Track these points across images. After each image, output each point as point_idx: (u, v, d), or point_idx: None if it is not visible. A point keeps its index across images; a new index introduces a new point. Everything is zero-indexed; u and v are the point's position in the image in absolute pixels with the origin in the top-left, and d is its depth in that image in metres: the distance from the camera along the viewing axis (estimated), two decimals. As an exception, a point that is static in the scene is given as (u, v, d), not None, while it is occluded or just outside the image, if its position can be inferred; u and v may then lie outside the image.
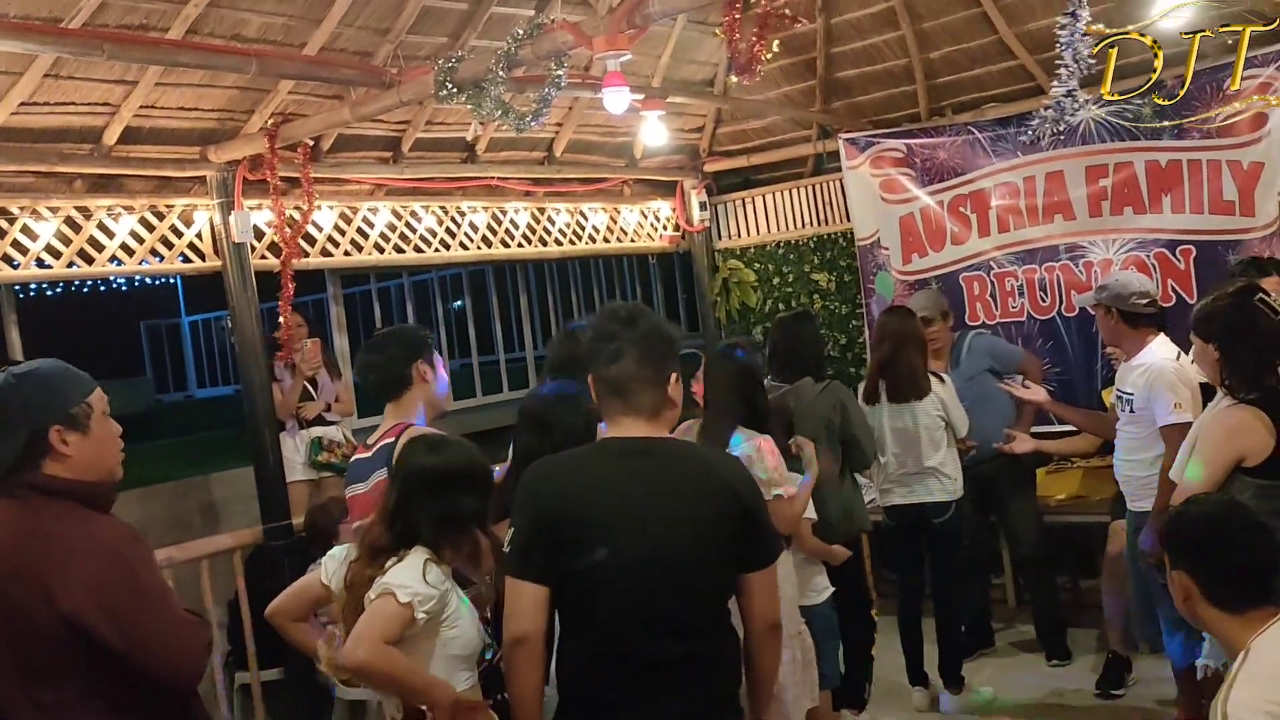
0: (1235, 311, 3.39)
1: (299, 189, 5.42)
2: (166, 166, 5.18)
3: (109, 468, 2.44)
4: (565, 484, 2.48)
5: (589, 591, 2.43)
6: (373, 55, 5.21)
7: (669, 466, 2.49)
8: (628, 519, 2.41)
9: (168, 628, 2.31)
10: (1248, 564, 2.30)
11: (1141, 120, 5.76)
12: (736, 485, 2.49)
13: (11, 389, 2.37)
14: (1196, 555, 2.34)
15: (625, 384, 2.50)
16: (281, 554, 5.21)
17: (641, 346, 2.49)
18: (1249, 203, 5.59)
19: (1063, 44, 3.78)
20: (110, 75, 4.67)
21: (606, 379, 2.52)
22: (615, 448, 2.52)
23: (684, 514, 2.42)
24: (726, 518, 2.44)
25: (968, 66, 6.47)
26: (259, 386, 5.37)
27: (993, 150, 6.36)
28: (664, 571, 2.40)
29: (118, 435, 2.47)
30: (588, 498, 2.44)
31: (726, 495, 2.46)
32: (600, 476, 2.48)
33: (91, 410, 2.39)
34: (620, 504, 2.43)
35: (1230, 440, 3.35)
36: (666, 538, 2.40)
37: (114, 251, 5.10)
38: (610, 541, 2.39)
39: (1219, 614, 2.29)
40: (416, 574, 2.61)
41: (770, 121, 7.33)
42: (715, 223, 7.79)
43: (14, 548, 2.29)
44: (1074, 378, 6.19)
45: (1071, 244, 6.16)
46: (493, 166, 6.48)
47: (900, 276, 6.79)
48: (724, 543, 2.45)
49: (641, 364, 2.49)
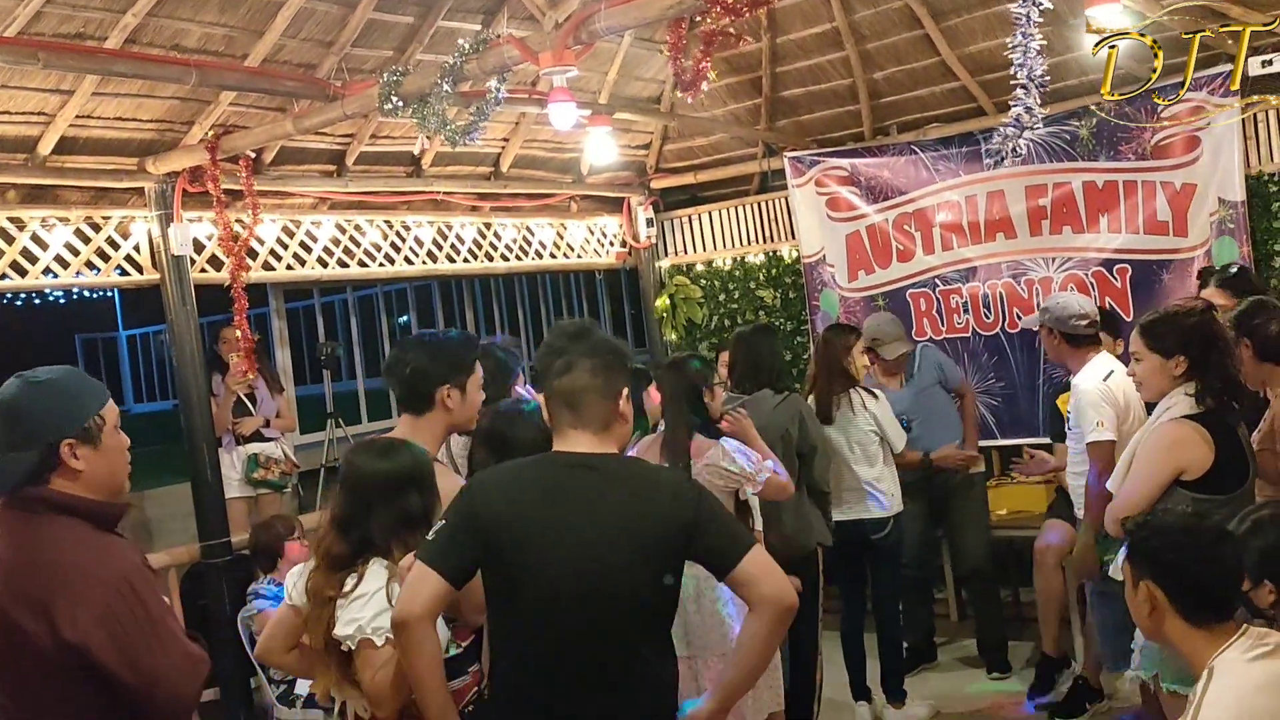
0: (1208, 326, 3.41)
1: (241, 201, 5.35)
2: (103, 177, 5.08)
3: (118, 483, 2.38)
4: (507, 494, 2.48)
5: (518, 599, 2.44)
6: (317, 68, 5.16)
7: (612, 483, 2.49)
8: (564, 532, 2.42)
9: (173, 659, 2.25)
10: (1217, 576, 2.30)
11: (1078, 142, 5.87)
12: (681, 502, 2.49)
13: (29, 399, 2.27)
14: (1166, 566, 2.33)
15: (576, 396, 2.51)
16: (220, 572, 5.11)
17: (592, 358, 2.52)
18: (1182, 223, 5.72)
19: (1017, 63, 3.85)
20: (46, 84, 4.59)
21: (558, 392, 2.54)
22: (563, 460, 2.52)
23: (623, 529, 2.42)
24: (667, 536, 2.44)
25: (911, 87, 6.55)
26: (197, 401, 5.28)
27: (935, 169, 6.45)
28: (596, 585, 2.40)
29: (126, 448, 2.40)
30: (526, 510, 2.45)
31: (669, 513, 2.46)
32: (542, 489, 2.49)
33: (104, 423, 2.31)
34: (558, 517, 2.43)
35: (1170, 453, 3.40)
36: (602, 552, 2.41)
37: (48, 264, 4.99)
38: (543, 553, 2.40)
39: (1185, 627, 2.29)
40: (383, 602, 2.58)
41: (717, 139, 7.38)
42: (662, 239, 7.81)
43: (19, 568, 2.21)
44: (1017, 392, 6.29)
45: (1013, 262, 6.26)
46: (439, 181, 6.44)
47: (846, 293, 6.85)
48: (664, 560, 2.45)
49: (592, 375, 2.51)
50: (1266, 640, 2.21)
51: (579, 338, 2.55)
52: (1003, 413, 6.30)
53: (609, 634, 2.42)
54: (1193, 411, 3.38)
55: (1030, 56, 3.79)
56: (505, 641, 2.51)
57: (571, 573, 2.41)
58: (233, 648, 4.88)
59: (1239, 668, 2.17)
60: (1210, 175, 5.60)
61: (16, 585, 2.19)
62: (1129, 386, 4.43)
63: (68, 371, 2.38)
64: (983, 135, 6.25)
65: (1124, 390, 4.39)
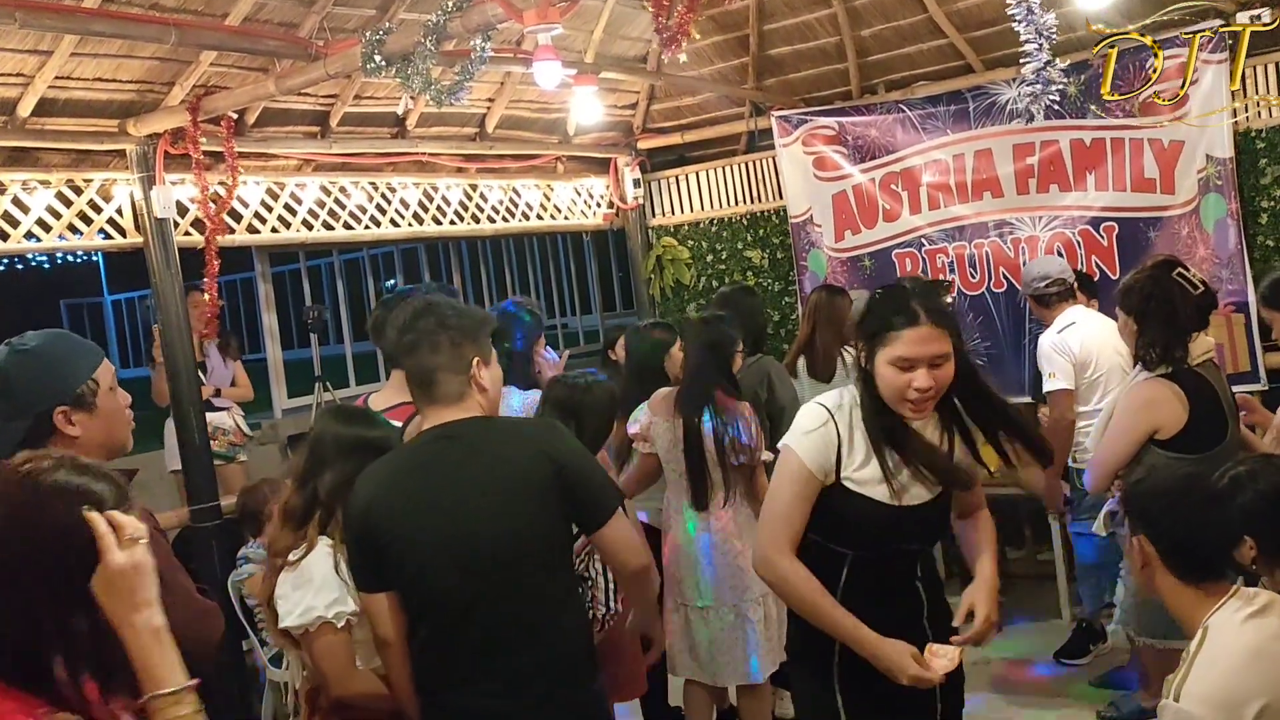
0: (1152, 285, 3.47)
1: (223, 164, 5.30)
2: (84, 139, 5.02)
3: (118, 443, 2.37)
4: (373, 492, 2.51)
5: (405, 581, 2.46)
6: (298, 27, 5.09)
7: (473, 447, 2.51)
8: (429, 506, 2.46)
9: (188, 616, 2.24)
10: (1207, 536, 2.32)
11: (1066, 100, 5.85)
12: (549, 451, 2.52)
13: (16, 368, 2.26)
14: (1158, 524, 2.35)
15: (425, 375, 2.54)
16: (209, 536, 5.12)
17: (432, 337, 2.53)
18: (1169, 180, 5.71)
19: (1019, 21, 3.84)
20: (24, 45, 4.51)
21: (408, 372, 2.59)
22: (425, 437, 2.56)
23: (492, 488, 2.46)
24: (539, 484, 2.48)
25: (898, 44, 6.52)
26: (184, 366, 5.25)
27: (923, 128, 6.42)
28: (477, 547, 2.44)
29: (126, 406, 2.39)
30: (392, 497, 2.49)
31: (537, 462, 2.49)
32: (405, 470, 2.53)
33: (98, 386, 2.30)
34: (422, 493, 2.47)
35: (1144, 412, 3.43)
36: (476, 514, 2.44)
37: (30, 227, 4.94)
38: (414, 531, 2.44)
39: (1176, 584, 2.30)
40: (336, 586, 2.61)
41: (704, 98, 7.32)
42: (649, 200, 7.78)
43: None
44: (1003, 352, 6.31)
45: (1000, 221, 6.25)
46: (424, 142, 6.39)
47: (833, 253, 6.84)
48: (541, 508, 2.48)
49: (433, 352, 2.52)
50: (1256, 599, 2.23)
51: (424, 314, 2.57)
52: (988, 372, 6.28)
53: (492, 597, 2.44)
54: (1164, 371, 3.41)
55: (1035, 9, 3.79)
56: (412, 636, 2.50)
57: (440, 542, 2.44)
58: (223, 611, 4.88)
59: (1232, 629, 2.19)
60: (1198, 132, 5.59)
61: None
62: (1089, 337, 4.56)
63: (58, 336, 2.37)
64: (970, 94, 6.24)
65: (1082, 341, 4.54)
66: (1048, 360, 4.65)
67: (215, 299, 5.41)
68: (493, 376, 2.59)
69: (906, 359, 2.43)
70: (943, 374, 2.46)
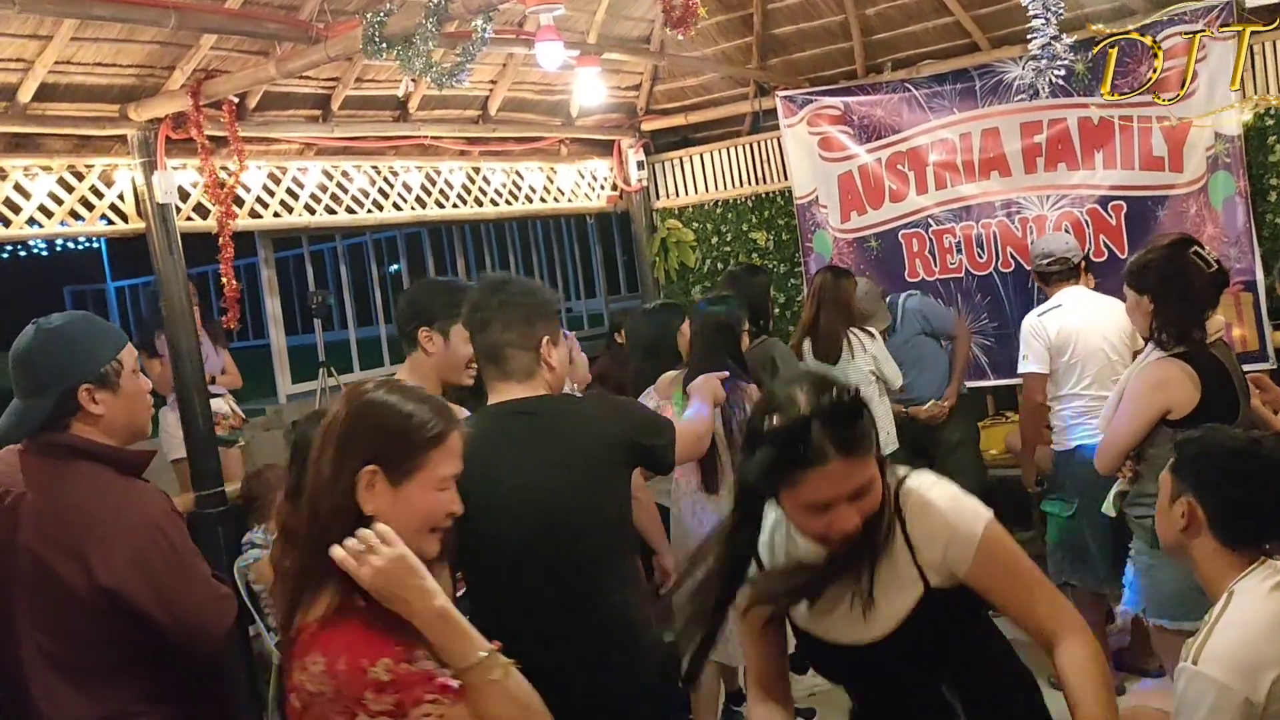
0: (1168, 264, 3.44)
1: (226, 148, 5.27)
2: (85, 125, 5.00)
3: (139, 426, 2.44)
4: None
5: (473, 554, 2.46)
6: (299, 9, 5.05)
7: (549, 422, 2.58)
8: (506, 477, 2.49)
9: (204, 598, 2.35)
10: (1260, 501, 2.31)
11: (1073, 77, 5.79)
12: (620, 430, 2.62)
13: (41, 346, 2.32)
14: (1211, 485, 2.34)
15: (495, 351, 2.60)
16: (215, 521, 5.11)
17: (503, 314, 2.59)
18: (1178, 159, 5.66)
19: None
20: (24, 29, 4.49)
21: (479, 348, 2.65)
22: (499, 411, 2.61)
23: (562, 462, 2.52)
24: (613, 461, 2.59)
25: (903, 23, 6.46)
26: (187, 352, 5.24)
27: (929, 107, 6.37)
28: (541, 520, 2.48)
29: (147, 391, 2.46)
30: (472, 468, 2.44)
31: (611, 440, 2.59)
32: (481, 441, 2.45)
33: (122, 367, 2.36)
34: (499, 464, 2.49)
35: (1156, 393, 3.40)
36: (543, 489, 2.50)
37: (31, 213, 4.93)
38: (489, 501, 2.42)
39: (1217, 547, 2.30)
40: None
41: (707, 79, 7.28)
42: (653, 182, 7.74)
43: (48, 514, 2.27)
44: (1011, 332, 6.24)
45: (1007, 200, 6.21)
46: (426, 125, 6.35)
47: (839, 234, 6.80)
48: (613, 485, 2.59)
49: (505, 329, 2.58)
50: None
51: (496, 290, 2.63)
52: (996, 352, 6.28)
53: (562, 569, 2.49)
54: (1177, 351, 3.38)
55: None
56: (479, 602, 2.52)
57: (516, 514, 2.48)
58: (230, 596, 4.88)
59: (1259, 596, 2.20)
60: (1206, 109, 5.53)
61: (49, 532, 2.26)
62: (1070, 321, 4.53)
63: (83, 317, 2.42)
64: (977, 72, 6.19)
65: (1060, 325, 4.53)
66: (1023, 343, 4.67)
67: (234, 284, 5.36)
68: (560, 356, 2.66)
69: (820, 502, 1.91)
70: (869, 501, 1.95)
